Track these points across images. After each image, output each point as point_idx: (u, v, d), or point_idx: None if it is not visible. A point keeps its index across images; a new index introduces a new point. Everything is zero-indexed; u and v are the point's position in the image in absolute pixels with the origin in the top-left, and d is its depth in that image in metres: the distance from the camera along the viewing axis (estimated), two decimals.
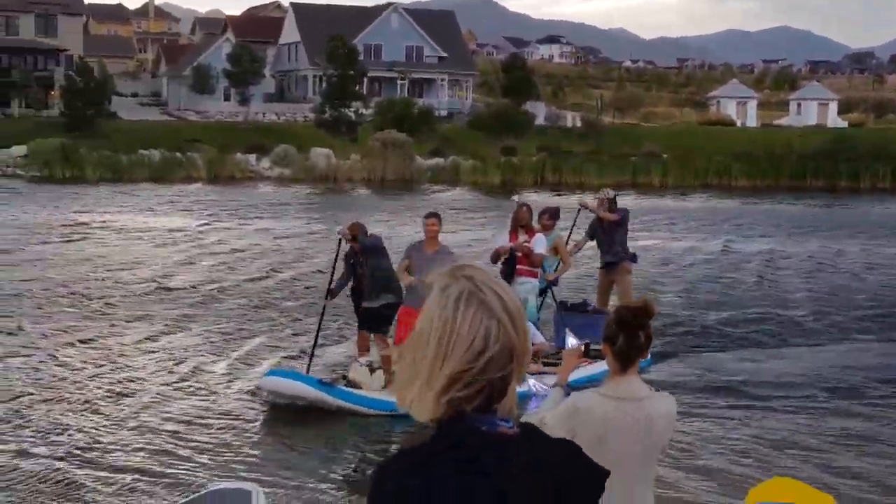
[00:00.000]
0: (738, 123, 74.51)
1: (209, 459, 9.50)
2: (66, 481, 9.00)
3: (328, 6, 77.85)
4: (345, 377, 10.90)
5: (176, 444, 9.82)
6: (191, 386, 12.23)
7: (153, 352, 14.01)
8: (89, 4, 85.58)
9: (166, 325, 15.56)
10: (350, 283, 11.24)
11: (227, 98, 70.99)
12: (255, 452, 9.84)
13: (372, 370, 10.95)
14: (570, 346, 9.77)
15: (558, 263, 12.64)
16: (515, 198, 14.25)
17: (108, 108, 52.63)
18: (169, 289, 18.99)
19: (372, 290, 10.77)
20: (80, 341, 14.77)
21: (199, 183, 43.24)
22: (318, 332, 11.80)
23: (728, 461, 9.97)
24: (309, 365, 11.34)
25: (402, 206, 34.59)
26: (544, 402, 4.87)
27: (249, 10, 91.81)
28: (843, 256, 25.09)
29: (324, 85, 56.43)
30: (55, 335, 14.98)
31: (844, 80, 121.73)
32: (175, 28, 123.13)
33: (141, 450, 9.87)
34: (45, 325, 15.62)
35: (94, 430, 10.55)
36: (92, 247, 23.96)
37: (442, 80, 74.95)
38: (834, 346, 15.12)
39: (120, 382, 12.52)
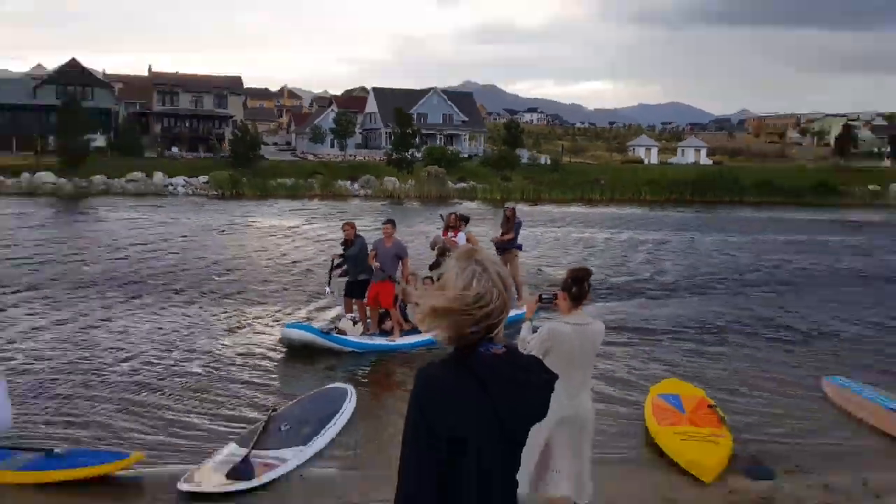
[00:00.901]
0: (645, 162, 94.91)
1: (262, 374, 10.36)
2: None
3: (393, 90, 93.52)
4: (336, 328, 11.57)
5: (244, 369, 10.51)
6: (257, 327, 13.05)
7: (244, 304, 14.95)
8: (247, 88, 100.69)
9: (263, 291, 16.37)
10: (342, 265, 12.23)
11: (332, 146, 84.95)
12: (284, 371, 10.74)
13: (354, 323, 12.00)
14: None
15: None
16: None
17: (258, 152, 61.13)
18: (281, 265, 20.28)
19: (354, 270, 11.79)
20: (219, 298, 15.47)
21: (315, 199, 48.08)
22: (329, 280, 12.71)
23: (634, 371, 10.65)
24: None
25: (436, 213, 35.67)
26: (521, 331, 5.14)
27: (346, 91, 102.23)
28: (704, 243, 28.15)
29: (392, 138, 66.68)
30: (200, 294, 15.80)
31: (710, 135, 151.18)
32: (300, 103, 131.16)
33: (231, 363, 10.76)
34: (197, 288, 16.43)
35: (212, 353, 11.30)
36: (241, 239, 26.96)
37: (464, 135, 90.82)
38: (695, 298, 16.77)
39: (230, 317, 13.63)
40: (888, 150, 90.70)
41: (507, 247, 14.02)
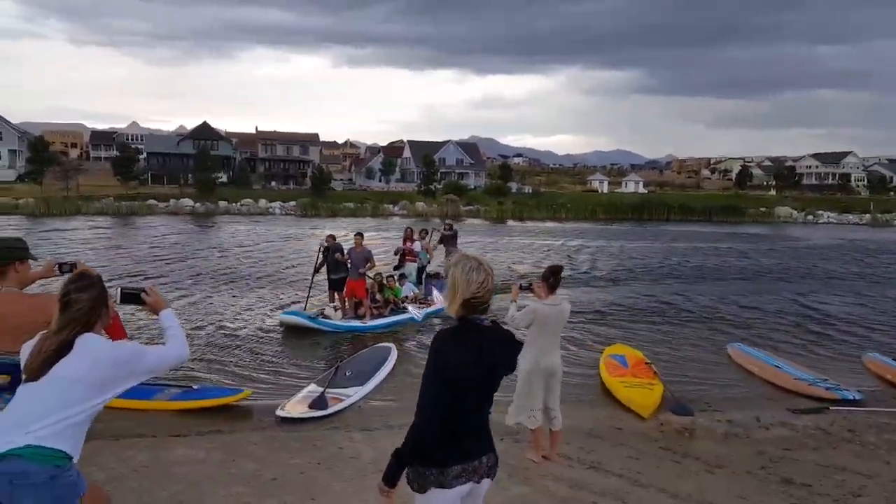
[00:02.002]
0: (600, 191, 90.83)
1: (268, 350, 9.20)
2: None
3: (422, 141, 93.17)
4: (322, 313, 10.68)
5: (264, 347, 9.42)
6: (258, 316, 11.43)
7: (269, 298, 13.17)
8: (322, 141, 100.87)
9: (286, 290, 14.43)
10: (325, 266, 11.18)
11: (380, 180, 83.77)
12: (281, 349, 9.36)
13: (336, 310, 11.02)
14: (435, 294, 11.96)
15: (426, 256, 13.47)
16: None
17: (329, 185, 61.84)
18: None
19: (335, 269, 11.00)
20: (285, 285, 14.76)
21: (367, 217, 47.82)
22: (309, 288, 11.62)
23: (591, 336, 10.57)
24: (305, 306, 11.08)
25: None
26: (510, 310, 4.94)
27: (390, 142, 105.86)
28: (637, 248, 26.92)
29: (421, 175, 67.57)
30: (270, 282, 15.20)
31: (646, 172, 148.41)
32: (358, 151, 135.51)
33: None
34: (270, 277, 15.86)
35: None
36: (310, 244, 24.28)
37: (471, 173, 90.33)
38: (625, 287, 16.21)
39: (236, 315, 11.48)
40: (773, 183, 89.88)
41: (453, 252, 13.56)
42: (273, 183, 76.40)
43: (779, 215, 56.11)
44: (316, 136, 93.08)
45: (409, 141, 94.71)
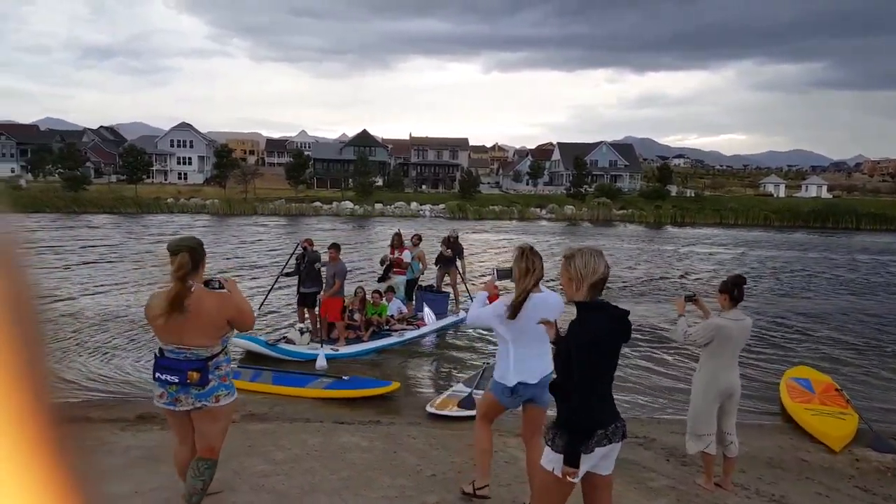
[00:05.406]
0: (775, 195, 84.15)
1: None
2: None
3: (572, 143, 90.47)
4: (285, 337, 8.79)
5: None
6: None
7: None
8: (471, 145, 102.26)
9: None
10: (296, 276, 9.41)
11: (527, 184, 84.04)
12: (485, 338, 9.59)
13: (301, 333, 8.90)
14: (427, 312, 10.40)
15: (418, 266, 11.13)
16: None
17: (477, 189, 61.96)
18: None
19: (306, 281, 9.15)
20: None
21: (514, 221, 47.84)
22: (269, 292, 10.03)
23: (766, 355, 9.87)
24: (260, 306, 9.67)
25: (601, 230, 34.26)
26: (679, 325, 4.44)
27: (539, 145, 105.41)
28: (818, 260, 24.23)
29: (571, 178, 65.40)
30: None
31: (830, 175, 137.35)
32: (506, 154, 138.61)
33: None
34: None
35: None
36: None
37: (625, 175, 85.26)
38: (808, 301, 14.24)
39: None
40: None
41: (448, 263, 11.58)
42: (423, 186, 79.58)
43: None
44: (465, 140, 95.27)
45: (559, 143, 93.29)
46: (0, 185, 53.69)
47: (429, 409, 6.42)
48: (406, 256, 10.79)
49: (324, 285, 9.13)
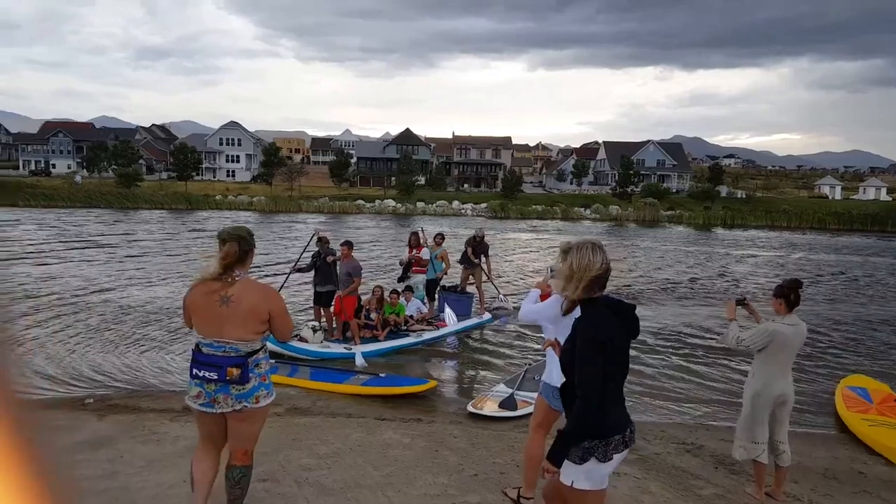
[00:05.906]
0: (830, 197, 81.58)
1: None
2: None
3: (618, 142, 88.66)
4: (297, 335, 8.60)
5: None
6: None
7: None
8: (514, 144, 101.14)
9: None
10: (313, 273, 9.40)
11: (570, 182, 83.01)
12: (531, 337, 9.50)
13: (315, 331, 8.70)
14: (448, 313, 10.30)
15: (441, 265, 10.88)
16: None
17: (520, 188, 62.56)
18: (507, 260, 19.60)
19: (322, 280, 9.20)
20: None
21: (558, 220, 47.41)
22: (280, 287, 9.41)
23: (821, 361, 9.52)
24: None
25: (647, 231, 33.24)
26: (730, 329, 4.31)
27: (583, 145, 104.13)
28: (877, 265, 23.31)
29: (616, 177, 64.80)
30: None
31: (891, 176, 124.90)
32: (549, 153, 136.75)
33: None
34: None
35: None
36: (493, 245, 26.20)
37: (673, 175, 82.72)
38: (863, 308, 13.45)
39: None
40: None
41: (473, 264, 11.44)
42: (466, 185, 79.39)
43: None
44: (508, 139, 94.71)
45: (605, 142, 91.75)
46: (58, 180, 56.28)
47: (470, 408, 6.41)
48: (424, 254, 10.61)
49: (339, 284, 9.11)
